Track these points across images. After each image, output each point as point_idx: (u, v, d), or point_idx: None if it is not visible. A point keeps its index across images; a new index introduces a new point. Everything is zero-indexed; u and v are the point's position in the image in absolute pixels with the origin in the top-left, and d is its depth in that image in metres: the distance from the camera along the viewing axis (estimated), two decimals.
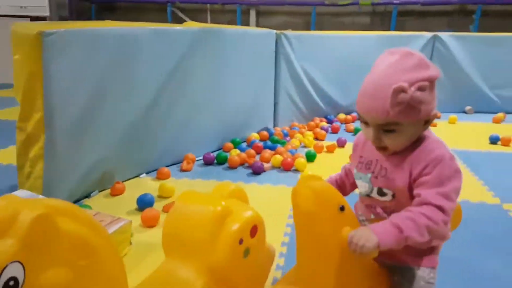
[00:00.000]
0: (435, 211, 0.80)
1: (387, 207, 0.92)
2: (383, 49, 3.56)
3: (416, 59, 0.84)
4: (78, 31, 1.75)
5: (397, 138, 0.86)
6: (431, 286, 0.91)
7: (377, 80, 0.85)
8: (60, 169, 1.82)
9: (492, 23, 7.18)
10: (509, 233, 1.76)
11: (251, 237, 1.04)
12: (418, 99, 0.81)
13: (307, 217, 0.87)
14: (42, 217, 0.66)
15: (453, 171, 0.84)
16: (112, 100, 2.03)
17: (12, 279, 0.61)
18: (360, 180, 0.96)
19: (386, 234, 0.78)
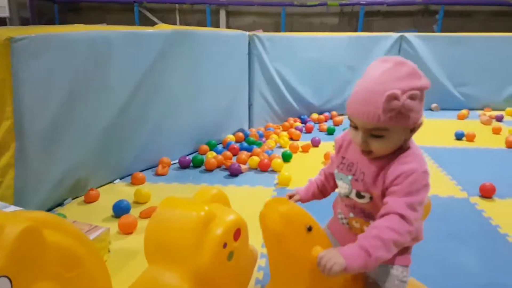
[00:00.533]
0: (400, 221, 0.83)
1: (364, 208, 0.95)
2: (352, 49, 3.67)
3: (409, 68, 0.86)
4: (48, 36, 1.70)
5: (383, 144, 0.88)
6: (404, 284, 0.95)
7: (370, 86, 0.86)
8: (31, 178, 1.77)
9: (454, 22, 7.46)
10: (477, 225, 1.85)
11: (234, 241, 1.05)
12: (408, 107, 0.84)
13: (276, 239, 0.89)
14: (28, 230, 0.65)
15: (421, 185, 0.86)
16: (85, 106, 1.99)
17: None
18: (341, 181, 0.98)
19: (354, 258, 0.80)
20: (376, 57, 3.52)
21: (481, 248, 1.65)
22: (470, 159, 2.82)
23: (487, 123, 3.72)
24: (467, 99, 4.38)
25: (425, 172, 0.87)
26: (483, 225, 1.85)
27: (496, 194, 2.13)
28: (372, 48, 4.08)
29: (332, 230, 1.09)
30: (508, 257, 1.59)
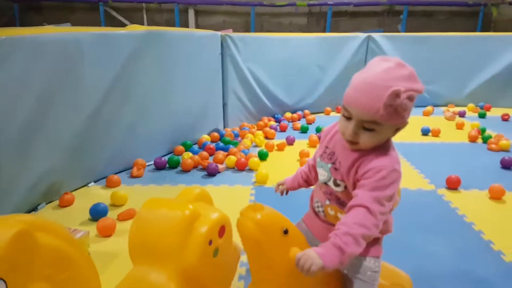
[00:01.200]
0: (367, 215, 0.87)
1: (339, 197, 1.00)
2: (322, 49, 3.76)
3: (409, 71, 0.90)
4: (19, 38, 1.67)
5: (372, 137, 0.92)
6: (376, 274, 1.01)
7: (373, 80, 0.88)
8: (4, 183, 1.73)
9: (417, 22, 7.73)
10: (445, 216, 1.95)
11: (219, 238, 1.09)
12: (405, 106, 0.88)
13: (255, 246, 0.93)
14: (21, 233, 0.66)
15: (389, 182, 0.90)
16: (57, 109, 1.96)
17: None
18: (321, 168, 1.03)
19: (330, 257, 0.83)
20: (345, 57, 3.66)
21: (449, 237, 1.75)
22: (436, 153, 2.96)
23: (451, 118, 3.90)
24: (431, 96, 4.56)
25: (395, 170, 0.91)
26: (450, 215, 1.95)
27: (462, 186, 2.25)
28: (341, 48, 4.18)
29: (307, 224, 1.13)
30: (474, 244, 1.69)
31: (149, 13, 8.62)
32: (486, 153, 2.92)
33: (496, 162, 2.65)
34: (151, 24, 8.60)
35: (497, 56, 4.43)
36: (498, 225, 1.85)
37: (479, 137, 3.18)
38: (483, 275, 1.47)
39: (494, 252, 1.63)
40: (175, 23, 8.12)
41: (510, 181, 2.29)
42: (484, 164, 2.66)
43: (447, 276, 1.47)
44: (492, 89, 4.47)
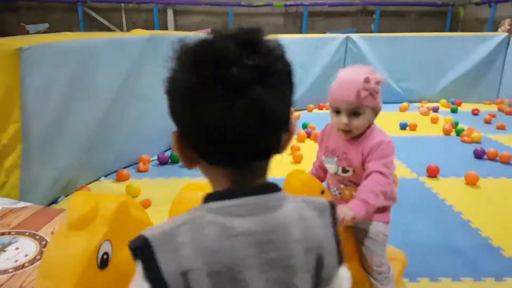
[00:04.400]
0: (380, 176, 1.10)
1: (350, 179, 1.23)
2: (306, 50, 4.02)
3: (371, 68, 1.16)
4: (48, 45, 1.81)
5: (361, 121, 1.14)
6: (386, 238, 1.24)
7: (348, 77, 1.15)
8: (33, 178, 1.87)
9: (389, 22, 8.10)
10: (428, 200, 2.21)
11: None
12: (376, 90, 1.12)
13: None
14: (122, 205, 0.85)
15: (389, 150, 1.14)
16: (75, 108, 2.10)
17: (105, 253, 0.79)
18: (329, 163, 1.25)
19: (359, 208, 1.05)
20: (325, 56, 3.94)
21: (433, 218, 2.01)
22: (415, 145, 3.24)
23: (426, 113, 4.21)
24: (406, 93, 4.87)
25: (389, 141, 1.16)
26: (432, 199, 2.22)
27: (440, 174, 2.53)
28: (321, 48, 4.43)
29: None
30: (455, 223, 1.96)
31: (128, 13, 8.64)
32: (460, 144, 3.23)
33: (469, 152, 2.95)
34: (130, 24, 8.63)
35: (466, 54, 4.79)
36: (475, 207, 2.12)
37: (453, 131, 3.49)
38: (465, 248, 1.73)
39: (473, 229, 1.90)
40: (153, 23, 8.17)
41: (483, 169, 2.59)
42: (459, 155, 2.96)
43: (434, 249, 1.72)
44: (462, 85, 4.83)
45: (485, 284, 1.50)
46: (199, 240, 0.49)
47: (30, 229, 1.53)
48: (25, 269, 1.30)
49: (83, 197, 0.84)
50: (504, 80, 4.85)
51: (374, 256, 1.19)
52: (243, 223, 0.50)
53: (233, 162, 0.52)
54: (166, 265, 0.48)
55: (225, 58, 0.49)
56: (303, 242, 0.53)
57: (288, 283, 0.52)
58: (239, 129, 0.48)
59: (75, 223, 0.80)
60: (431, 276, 1.53)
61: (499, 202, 2.20)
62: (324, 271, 0.56)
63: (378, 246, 1.20)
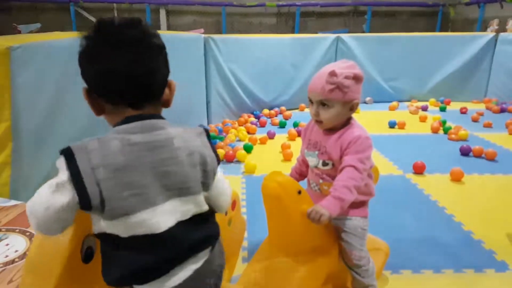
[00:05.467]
0: (354, 171, 1.14)
1: (329, 173, 1.26)
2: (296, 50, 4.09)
3: (350, 63, 1.21)
4: (38, 44, 1.83)
5: (329, 113, 1.19)
6: (365, 232, 1.28)
7: (321, 70, 1.21)
8: (24, 176, 1.88)
9: (381, 22, 8.17)
10: (414, 196, 2.26)
11: (232, 210, 1.33)
12: (344, 85, 1.16)
13: (276, 201, 1.18)
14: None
15: (366, 146, 1.19)
16: (67, 108, 2.11)
17: (89, 248, 0.82)
18: (310, 157, 1.29)
19: (333, 206, 1.10)
20: (316, 56, 4.02)
21: (417, 212, 2.06)
22: (403, 143, 3.29)
23: (415, 112, 4.27)
24: (396, 92, 4.93)
25: (367, 137, 1.20)
26: (418, 195, 2.27)
27: (426, 171, 2.58)
28: (313, 48, 4.47)
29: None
30: (437, 218, 2.01)
31: (120, 13, 8.63)
32: (447, 142, 3.29)
33: (456, 150, 3.01)
34: None
35: (455, 54, 4.86)
36: (459, 202, 2.18)
37: (441, 129, 3.55)
38: (447, 241, 1.78)
39: (456, 223, 1.95)
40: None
41: (467, 165, 2.64)
42: (445, 152, 3.01)
43: (417, 243, 1.76)
44: (451, 85, 4.90)
45: (466, 275, 1.55)
46: (104, 148, 0.72)
47: (20, 226, 1.55)
48: (15, 264, 1.33)
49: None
50: (492, 80, 4.92)
51: (353, 250, 1.23)
52: (137, 137, 0.74)
53: (126, 101, 0.77)
54: (81, 162, 0.70)
55: (116, 31, 0.76)
56: (185, 149, 0.77)
57: (181, 173, 0.76)
58: (125, 75, 0.74)
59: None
60: (414, 268, 1.57)
61: (482, 197, 2.26)
62: (208, 167, 0.81)
63: (357, 240, 1.24)
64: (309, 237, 1.22)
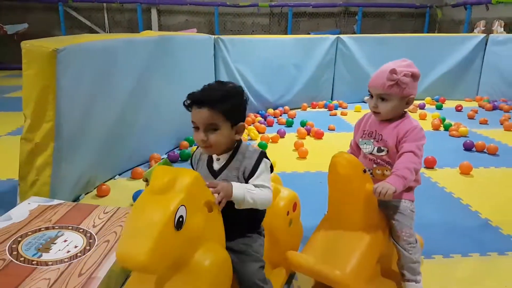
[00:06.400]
0: (413, 156, 1.28)
1: (383, 159, 1.39)
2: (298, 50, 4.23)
3: (408, 62, 1.37)
4: (80, 46, 1.89)
5: (387, 106, 1.34)
6: (413, 214, 1.40)
7: (382, 68, 1.36)
8: (62, 176, 1.94)
9: (371, 23, 8.38)
10: (430, 189, 2.37)
11: (293, 211, 1.43)
12: (403, 81, 1.30)
13: (344, 178, 1.28)
14: (197, 178, 0.98)
15: (421, 135, 1.33)
16: (97, 108, 2.17)
17: (181, 216, 0.93)
18: (365, 144, 1.43)
19: (397, 183, 1.23)
20: (317, 56, 4.17)
21: (437, 204, 2.19)
22: None
23: (414, 111, 4.43)
24: None
25: (422, 128, 1.35)
26: (434, 188, 2.40)
27: (437, 165, 2.72)
28: (314, 49, 4.59)
29: None
30: (456, 208, 2.14)
31: (110, 13, 8.60)
32: (449, 138, 3.45)
33: (459, 145, 3.17)
34: (113, 24, 8.60)
35: (447, 54, 5.04)
36: (472, 193, 2.32)
37: (441, 126, 3.71)
38: (469, 229, 1.92)
39: (473, 212, 2.08)
40: (137, 23, 8.17)
41: (473, 159, 2.79)
42: (450, 148, 3.17)
43: (442, 231, 1.89)
44: (445, 84, 5.08)
45: (490, 258, 1.68)
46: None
47: (72, 223, 1.61)
48: (79, 259, 1.39)
49: (163, 169, 0.99)
50: (483, 79, 5.14)
51: (404, 228, 1.35)
52: None
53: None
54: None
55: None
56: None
57: None
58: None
59: (157, 190, 0.94)
60: (444, 253, 1.70)
61: (492, 188, 2.41)
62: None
63: (407, 219, 1.37)
64: (369, 214, 1.32)
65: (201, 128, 1.11)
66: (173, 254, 0.92)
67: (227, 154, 1.18)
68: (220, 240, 1.11)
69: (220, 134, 1.12)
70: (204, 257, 0.99)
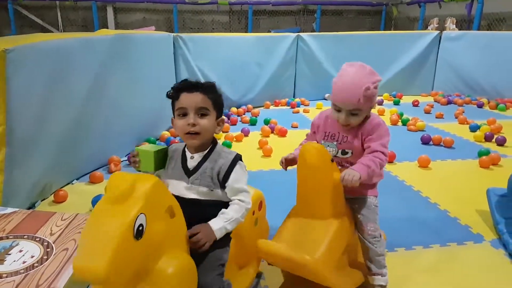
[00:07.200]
0: (380, 154, 1.29)
1: (348, 160, 1.40)
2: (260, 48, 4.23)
3: (369, 68, 1.33)
4: (31, 46, 1.78)
5: (358, 118, 1.34)
6: (377, 208, 1.43)
7: (351, 81, 1.30)
8: (16, 182, 1.83)
9: (329, 20, 8.51)
10: (390, 182, 2.44)
11: (258, 210, 1.41)
12: (374, 93, 1.31)
13: (313, 168, 1.29)
14: (157, 184, 0.94)
15: (386, 131, 1.34)
16: (52, 110, 2.07)
17: (141, 225, 0.90)
18: (328, 147, 1.41)
19: (363, 170, 1.24)
20: (278, 54, 4.18)
21: (399, 197, 2.25)
22: None
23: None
24: None
25: (384, 123, 1.36)
26: (394, 182, 2.47)
27: (396, 159, 2.79)
28: (275, 47, 4.60)
29: None
30: (417, 201, 2.21)
31: (64, 11, 8.28)
32: (407, 133, 3.56)
33: (417, 139, 3.28)
34: (67, 23, 8.28)
35: (403, 51, 5.20)
36: (431, 186, 2.40)
37: (399, 121, 3.83)
38: (429, 220, 1.98)
39: (432, 204, 2.16)
40: (92, 22, 7.91)
41: (430, 153, 2.88)
42: (408, 142, 3.27)
43: (404, 223, 1.94)
44: (401, 80, 5.25)
45: (451, 248, 1.74)
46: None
47: (27, 232, 1.52)
48: (36, 269, 1.31)
49: (121, 176, 0.94)
50: (437, 74, 5.35)
51: (369, 222, 1.38)
52: None
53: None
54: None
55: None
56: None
57: None
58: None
59: (114, 198, 0.90)
60: (406, 246, 1.74)
61: (449, 180, 2.50)
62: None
63: (372, 214, 1.40)
64: (336, 203, 1.34)
65: (192, 112, 1.13)
66: (134, 265, 0.88)
67: (202, 153, 1.17)
68: (184, 246, 1.08)
69: (209, 120, 1.15)
70: (167, 265, 0.95)
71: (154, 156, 1.19)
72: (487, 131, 3.37)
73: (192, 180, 1.16)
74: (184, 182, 1.17)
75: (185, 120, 1.13)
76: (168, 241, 0.99)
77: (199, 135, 1.14)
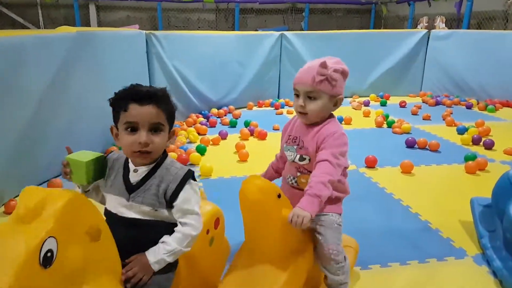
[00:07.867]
0: (328, 165, 1.14)
1: (306, 167, 1.26)
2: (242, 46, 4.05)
3: (336, 59, 1.25)
4: None
5: (316, 105, 1.21)
6: (340, 227, 1.27)
7: (310, 64, 1.23)
8: None
9: (318, 19, 8.38)
10: (369, 189, 2.30)
11: (215, 228, 1.25)
12: (333, 77, 1.19)
13: (255, 206, 1.13)
14: (71, 202, 0.79)
15: (341, 142, 1.21)
16: (4, 113, 1.91)
17: (49, 251, 0.74)
18: (289, 151, 1.29)
19: (312, 206, 1.09)
20: (262, 53, 3.99)
21: (377, 206, 2.10)
22: (352, 138, 3.25)
23: (358, 108, 4.40)
24: None
25: (343, 134, 1.23)
26: (374, 189, 2.32)
27: (378, 164, 2.65)
28: (258, 45, 4.44)
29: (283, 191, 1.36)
30: (396, 210, 2.06)
31: (45, 9, 8.06)
32: (392, 135, 3.42)
33: (401, 142, 3.13)
34: (48, 21, 8.07)
35: (391, 50, 5.08)
36: (412, 193, 2.25)
37: (384, 123, 3.69)
38: (408, 233, 1.83)
39: (413, 214, 2.01)
40: (74, 20, 7.69)
41: (415, 157, 2.75)
42: (392, 145, 3.12)
43: (381, 236, 1.79)
44: (389, 80, 5.12)
45: (429, 265, 1.59)
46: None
47: None
48: None
49: (31, 191, 0.79)
50: (426, 74, 5.22)
51: (330, 243, 1.22)
52: None
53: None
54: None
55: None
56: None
57: None
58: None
59: (22, 217, 0.75)
60: (381, 263, 1.59)
61: (432, 187, 2.35)
62: None
63: (333, 234, 1.24)
64: (289, 241, 1.18)
65: (144, 128, 0.96)
66: None
67: (148, 167, 1.00)
68: (114, 273, 0.92)
69: (163, 137, 0.99)
70: None
71: (85, 166, 1.02)
72: (474, 133, 3.24)
73: (134, 197, 0.99)
74: (123, 198, 1.00)
75: (135, 137, 0.96)
76: (91, 268, 0.83)
77: (150, 154, 0.97)
